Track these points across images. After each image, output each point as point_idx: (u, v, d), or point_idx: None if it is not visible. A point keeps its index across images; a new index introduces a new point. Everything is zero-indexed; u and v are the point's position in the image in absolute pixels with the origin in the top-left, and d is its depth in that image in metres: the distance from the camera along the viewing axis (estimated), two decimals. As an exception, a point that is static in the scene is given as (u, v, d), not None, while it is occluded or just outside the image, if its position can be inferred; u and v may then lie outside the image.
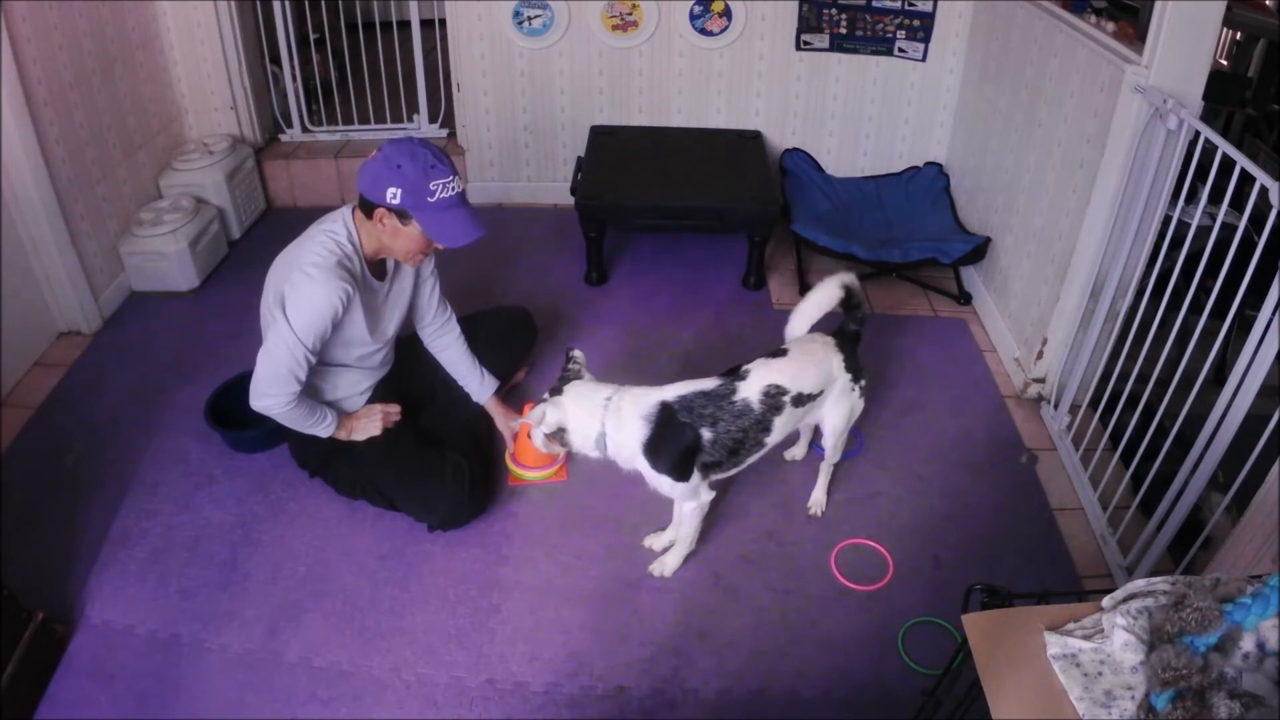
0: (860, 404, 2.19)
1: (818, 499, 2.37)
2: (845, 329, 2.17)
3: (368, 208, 1.98)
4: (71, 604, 2.07)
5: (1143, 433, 2.17)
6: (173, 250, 3.13)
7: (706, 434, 1.92)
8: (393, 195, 1.92)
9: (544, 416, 1.92)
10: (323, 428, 2.15)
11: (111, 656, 1.96)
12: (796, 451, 2.51)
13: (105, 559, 2.18)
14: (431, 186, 1.93)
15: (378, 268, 2.15)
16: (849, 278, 2.14)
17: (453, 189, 1.97)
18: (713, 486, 2.09)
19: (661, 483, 1.97)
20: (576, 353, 2.05)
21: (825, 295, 2.14)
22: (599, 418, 1.92)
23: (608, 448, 1.94)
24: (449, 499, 2.21)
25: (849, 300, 2.15)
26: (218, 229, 3.37)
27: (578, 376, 1.99)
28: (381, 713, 1.87)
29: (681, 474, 1.94)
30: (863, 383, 2.17)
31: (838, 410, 2.14)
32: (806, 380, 2.02)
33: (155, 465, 2.46)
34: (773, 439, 2.02)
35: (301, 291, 1.95)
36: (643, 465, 1.95)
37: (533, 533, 2.29)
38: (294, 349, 1.97)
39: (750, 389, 1.95)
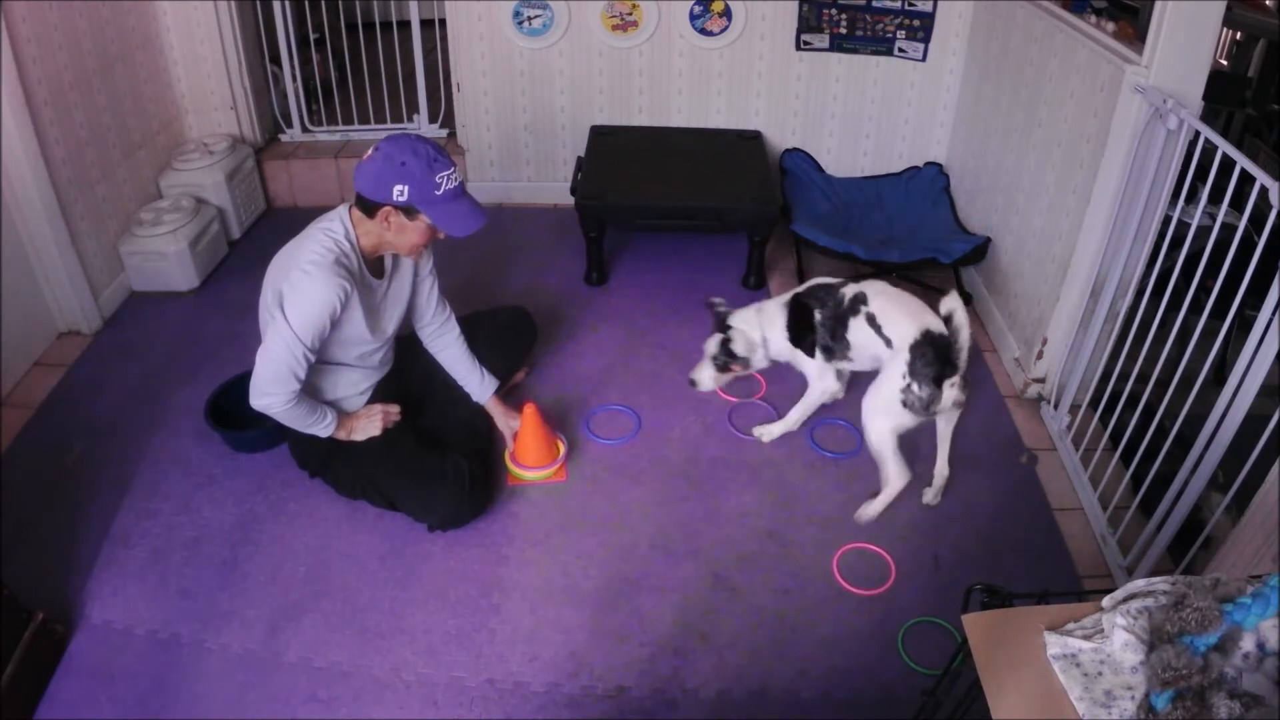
0: (897, 400, 2.15)
1: (870, 508, 2.32)
2: (951, 352, 2.12)
3: (369, 207, 1.98)
4: (71, 604, 2.07)
5: (1143, 433, 2.17)
6: (173, 250, 3.13)
7: (816, 314, 2.33)
8: (400, 192, 1.93)
9: (737, 344, 2.37)
10: (322, 427, 2.15)
11: (111, 656, 1.96)
12: (929, 497, 2.40)
13: (105, 559, 2.18)
14: (437, 180, 1.95)
15: (375, 266, 2.15)
16: (960, 312, 2.11)
17: (455, 180, 2.00)
18: (840, 377, 2.52)
19: (799, 359, 2.43)
20: (717, 299, 2.49)
21: (947, 306, 2.14)
22: (758, 326, 2.40)
23: (770, 349, 2.42)
24: (449, 499, 2.21)
25: (948, 324, 2.13)
26: (218, 229, 3.37)
27: (728, 314, 2.44)
28: (381, 713, 1.87)
29: (810, 350, 2.38)
30: (915, 388, 2.13)
31: (882, 375, 2.22)
32: (884, 312, 2.24)
33: (155, 465, 2.46)
34: (852, 339, 2.30)
35: (300, 289, 1.95)
36: (787, 350, 2.42)
37: (533, 533, 2.29)
38: (293, 347, 1.97)
39: (850, 290, 2.32)
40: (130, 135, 3.21)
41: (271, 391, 2.02)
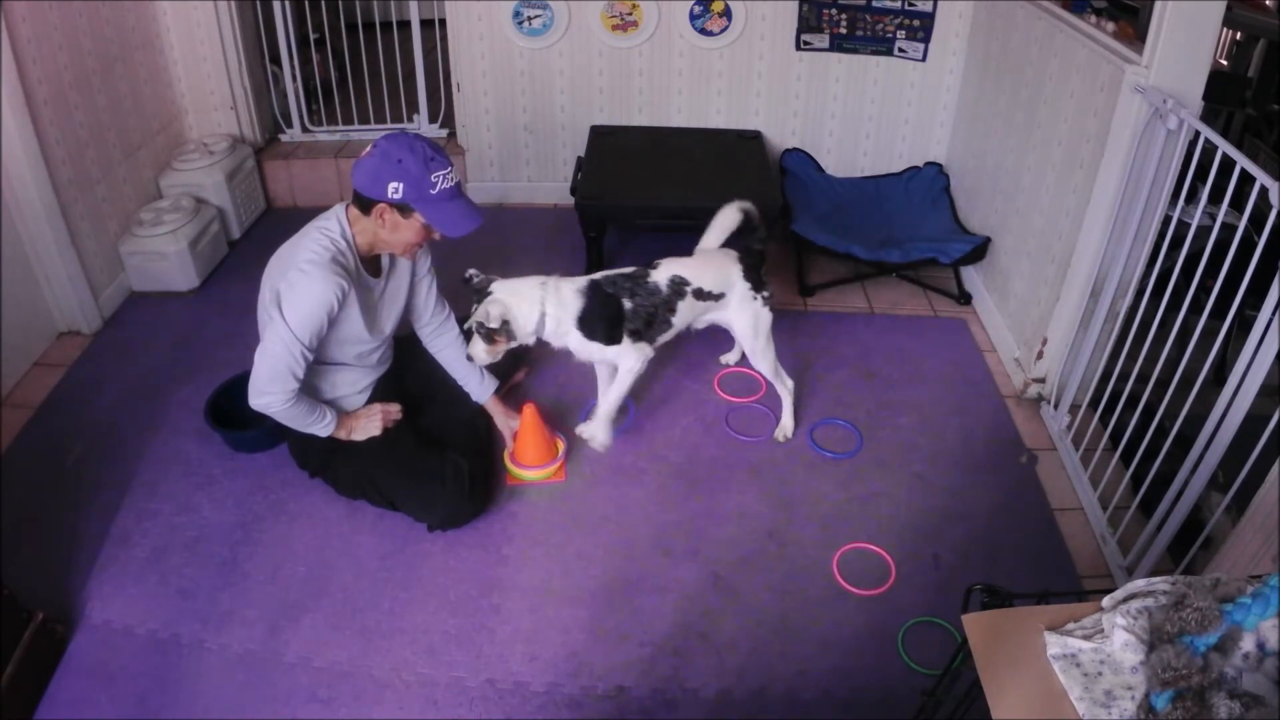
0: (766, 314, 2.44)
1: (785, 425, 2.59)
2: (749, 248, 2.47)
3: (365, 204, 1.99)
4: (71, 604, 2.07)
5: (1143, 433, 2.17)
6: (173, 250, 3.13)
7: (626, 303, 2.27)
8: (394, 190, 1.93)
9: (487, 315, 2.12)
10: (322, 426, 2.15)
11: (111, 656, 1.96)
12: (730, 357, 2.84)
13: (105, 559, 2.18)
14: (433, 179, 1.95)
15: (372, 265, 2.15)
16: (746, 205, 2.47)
17: (451, 179, 1.99)
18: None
19: (590, 348, 2.28)
20: (471, 271, 2.24)
21: (726, 218, 2.47)
22: (537, 300, 2.20)
23: (545, 327, 2.23)
24: (448, 499, 2.21)
25: (747, 224, 2.47)
26: (218, 229, 3.37)
27: (488, 282, 2.21)
28: (381, 713, 1.87)
29: (608, 338, 2.28)
30: (765, 294, 2.42)
31: (742, 316, 2.42)
32: (706, 279, 2.35)
33: (155, 465, 2.46)
34: (677, 321, 2.35)
35: (297, 288, 1.96)
36: (574, 338, 2.27)
37: (533, 533, 2.29)
38: (291, 346, 1.97)
39: (661, 276, 2.31)
40: (130, 135, 3.21)
41: (270, 391, 2.02)
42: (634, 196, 3.25)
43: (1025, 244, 2.86)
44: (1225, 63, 4.04)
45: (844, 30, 3.52)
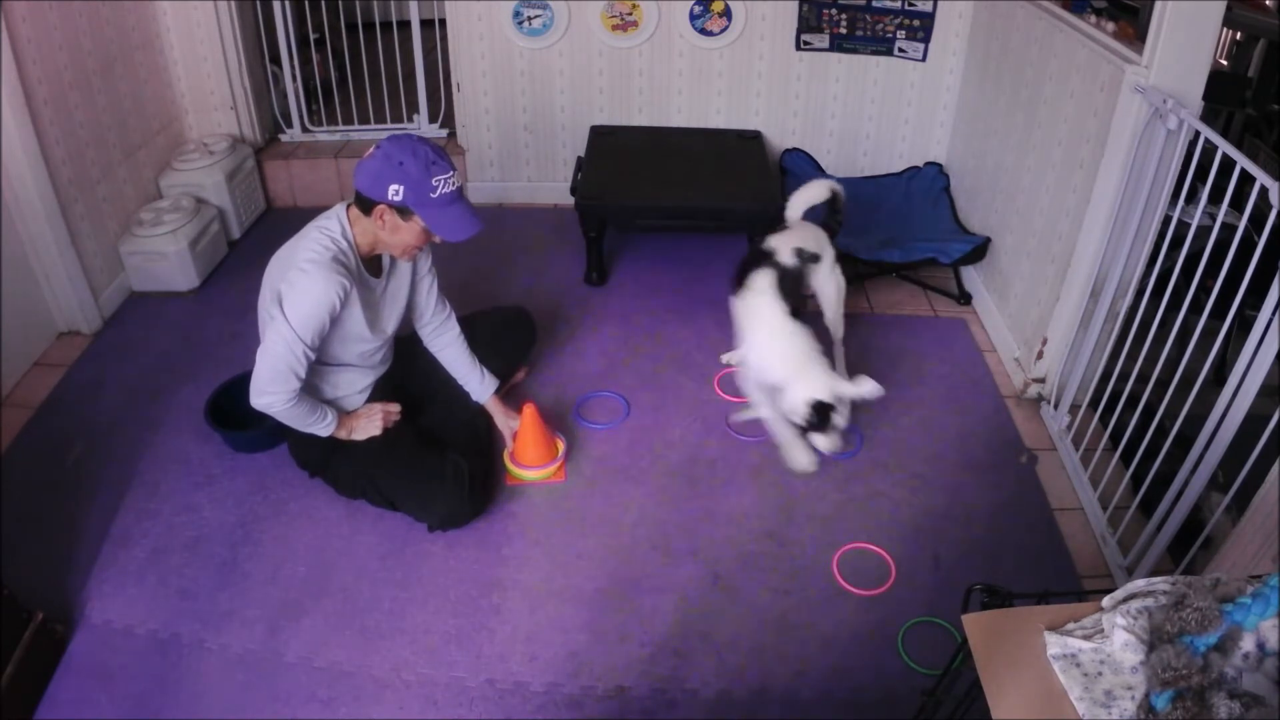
0: (844, 282, 2.65)
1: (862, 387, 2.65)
2: (828, 223, 2.72)
3: (366, 205, 1.99)
4: (71, 604, 2.07)
5: (1143, 433, 2.17)
6: (173, 250, 3.13)
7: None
8: (395, 192, 1.93)
9: (803, 408, 2.25)
10: (323, 426, 2.15)
11: (111, 656, 1.96)
12: (731, 356, 2.84)
13: (105, 559, 2.18)
14: (434, 183, 1.95)
15: (373, 265, 2.15)
16: (837, 186, 2.71)
17: (453, 184, 1.99)
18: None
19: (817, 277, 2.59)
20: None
21: (815, 192, 2.70)
22: (807, 366, 2.31)
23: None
24: (448, 499, 2.21)
25: (834, 203, 2.71)
26: (218, 229, 3.37)
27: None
28: (381, 713, 1.87)
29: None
30: (840, 266, 2.64)
31: (830, 282, 2.62)
32: (811, 242, 2.56)
33: (155, 465, 2.46)
34: (808, 289, 2.60)
35: (298, 288, 1.96)
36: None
37: (533, 533, 2.29)
38: (293, 345, 1.97)
39: (784, 256, 2.48)
40: (130, 135, 3.21)
41: (272, 390, 2.02)
42: (634, 196, 3.25)
43: (1025, 244, 2.86)
44: (1225, 63, 4.04)
45: (844, 30, 3.51)
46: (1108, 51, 2.35)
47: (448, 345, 2.43)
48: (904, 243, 3.27)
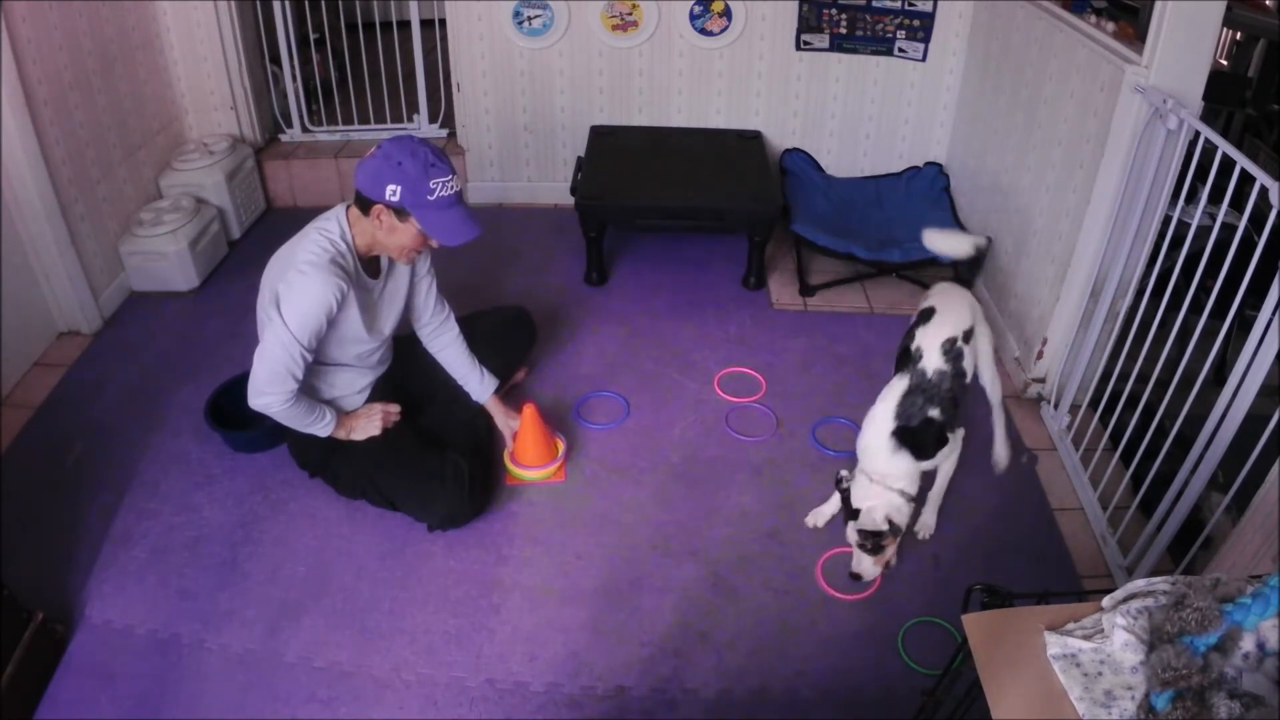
0: (991, 334, 2.32)
1: (999, 453, 2.40)
2: (961, 277, 2.46)
3: (365, 204, 1.99)
4: (71, 604, 2.07)
5: (1143, 433, 2.17)
6: (173, 250, 3.13)
7: (934, 413, 2.08)
8: (392, 192, 1.93)
9: (874, 521, 2.01)
10: (321, 426, 2.15)
11: (111, 656, 1.96)
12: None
13: (105, 559, 2.18)
14: (431, 185, 1.94)
15: (371, 265, 2.15)
16: (982, 242, 2.46)
17: (451, 188, 1.98)
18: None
19: (937, 462, 2.17)
20: (844, 473, 2.14)
21: (959, 246, 2.45)
22: (886, 487, 2.04)
23: (907, 486, 2.07)
24: (448, 499, 2.21)
25: (976, 261, 2.48)
26: (218, 229, 3.37)
27: (849, 482, 2.11)
28: (381, 713, 1.87)
29: (941, 446, 2.13)
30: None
31: (983, 340, 2.25)
32: (962, 319, 2.19)
33: (155, 465, 2.46)
34: (969, 367, 2.19)
35: (296, 289, 1.96)
36: (922, 468, 2.11)
37: (533, 533, 2.29)
38: (290, 347, 1.98)
39: (931, 359, 2.12)
40: (130, 135, 3.21)
41: (270, 391, 2.02)
42: (634, 196, 3.25)
43: (1025, 244, 2.86)
44: (1225, 63, 4.04)
45: (844, 30, 3.51)
46: (1108, 51, 2.35)
47: (447, 346, 2.43)
48: (904, 243, 3.26)
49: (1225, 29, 3.75)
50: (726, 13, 3.48)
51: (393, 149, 1.94)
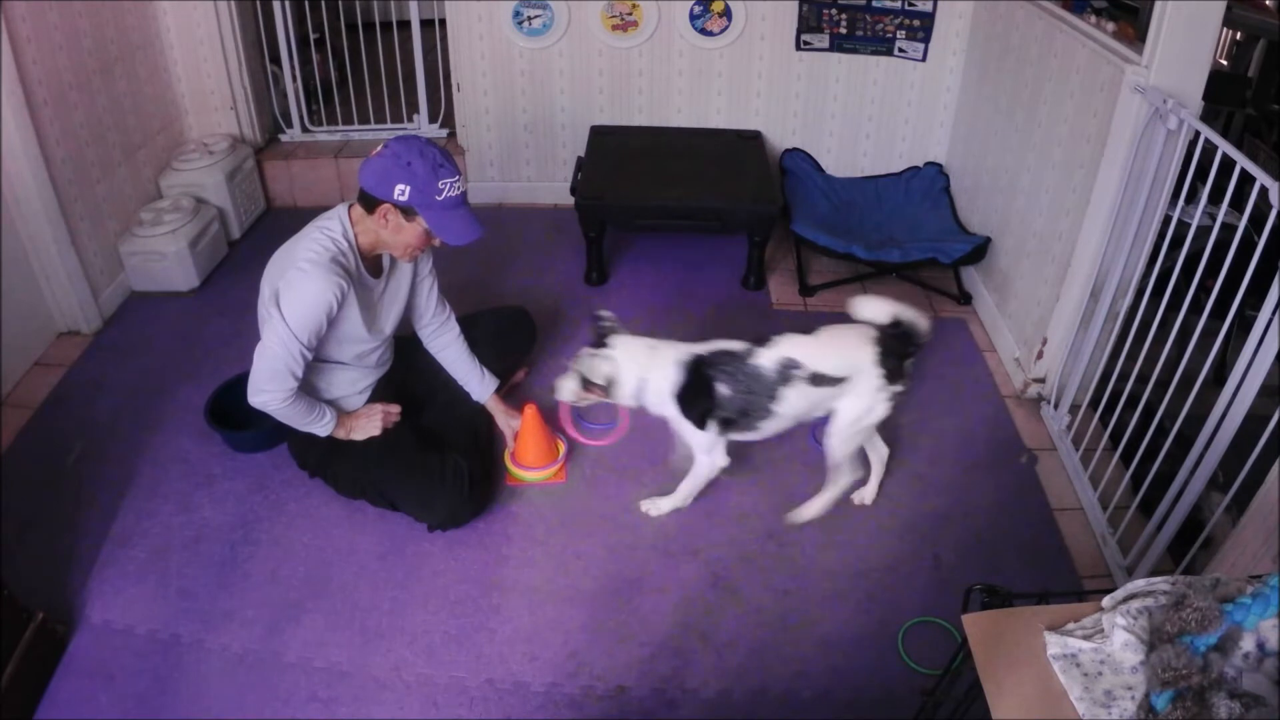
0: (884, 409, 2.12)
1: (806, 510, 2.32)
2: (906, 336, 2.12)
3: (370, 203, 1.99)
4: (71, 604, 2.07)
5: (1143, 433, 2.17)
6: (173, 250, 3.13)
7: (722, 389, 2.07)
8: (401, 192, 1.94)
9: (598, 370, 2.07)
10: (321, 425, 2.15)
11: (111, 656, 1.96)
12: (865, 495, 2.39)
13: (105, 559, 2.18)
14: (440, 185, 1.95)
15: (373, 265, 2.16)
16: (909, 314, 2.10)
17: (458, 188, 2.00)
18: (729, 452, 2.25)
19: (683, 426, 2.15)
20: (606, 311, 2.17)
21: (879, 309, 2.11)
22: (642, 365, 2.10)
23: (648, 395, 2.12)
24: (448, 498, 2.21)
25: (899, 328, 2.10)
26: (218, 229, 3.37)
27: (613, 332, 2.13)
28: (381, 713, 1.87)
29: (699, 422, 2.12)
30: (897, 389, 2.10)
31: (857, 403, 2.10)
32: (826, 362, 2.05)
33: (155, 465, 2.46)
34: (782, 410, 2.08)
35: (296, 287, 1.96)
36: (671, 411, 2.13)
37: (533, 533, 2.29)
38: (289, 345, 1.98)
39: (768, 357, 2.06)
40: (130, 135, 3.21)
41: (269, 389, 2.02)
42: (634, 196, 3.25)
43: (1025, 244, 2.86)
44: (1225, 63, 4.04)
45: (844, 30, 3.51)
46: (1108, 51, 2.35)
47: (447, 346, 2.43)
48: (904, 243, 3.27)
49: (1225, 29, 3.75)
50: (726, 13, 3.48)
51: (401, 148, 1.95)
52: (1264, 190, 1.75)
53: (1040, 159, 2.76)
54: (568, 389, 2.14)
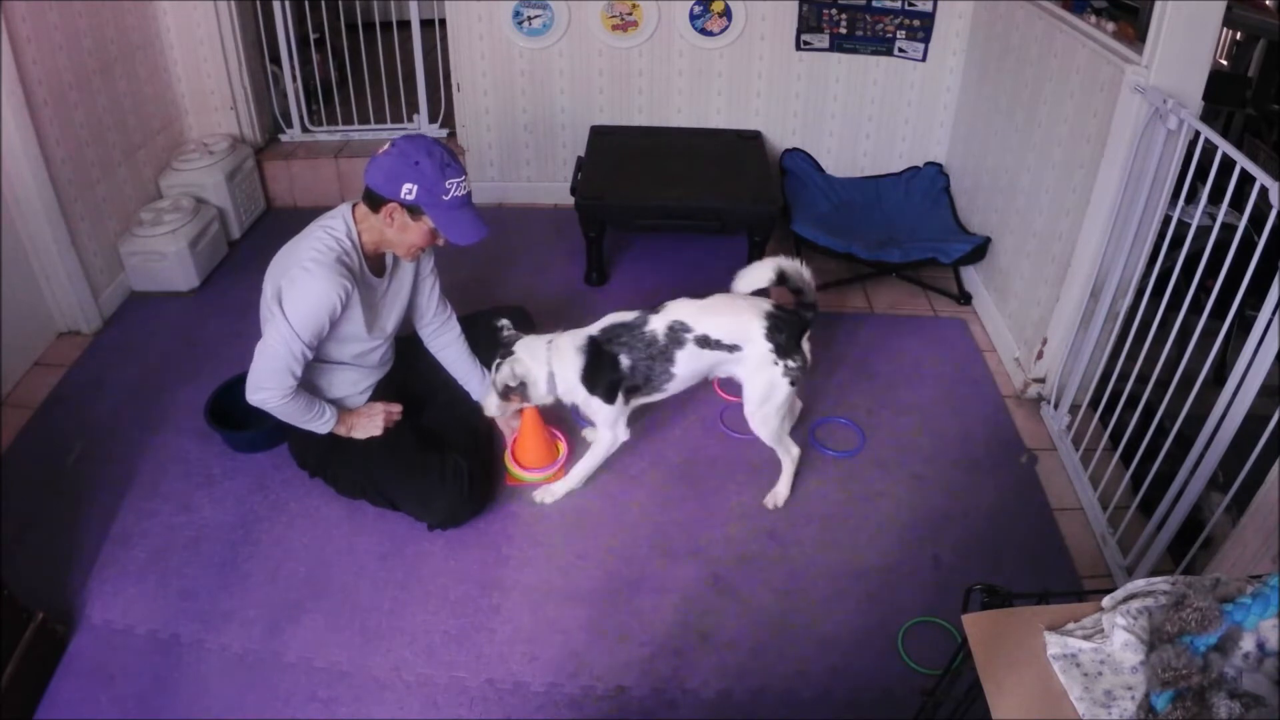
0: (784, 385, 2.19)
1: (777, 493, 2.37)
2: (801, 316, 2.24)
3: (376, 202, 1.99)
4: (71, 604, 2.07)
5: (1143, 433, 2.17)
6: (173, 250, 3.13)
7: (624, 360, 2.18)
8: (408, 191, 1.94)
9: (508, 374, 2.15)
10: (321, 423, 2.15)
11: (111, 656, 1.96)
12: (776, 497, 2.38)
13: (105, 559, 2.18)
14: (447, 185, 1.96)
15: (376, 264, 2.16)
16: (788, 263, 2.20)
17: (464, 188, 2.01)
18: (631, 426, 2.34)
19: (592, 405, 2.23)
20: (504, 321, 2.29)
21: (760, 273, 2.21)
22: (545, 360, 2.18)
23: (557, 386, 2.20)
24: (448, 498, 2.21)
25: (786, 282, 2.21)
26: (218, 229, 3.37)
27: (515, 339, 2.22)
28: (381, 713, 1.87)
29: (608, 396, 2.21)
30: (791, 364, 2.17)
31: (755, 380, 2.20)
32: (715, 326, 2.17)
33: (155, 465, 2.46)
34: (678, 371, 2.21)
35: (299, 286, 1.96)
36: (580, 394, 2.21)
37: (533, 533, 2.29)
38: (291, 344, 1.98)
39: (659, 322, 2.19)
40: (130, 135, 3.21)
41: (268, 386, 2.03)
42: (634, 196, 3.25)
43: (1025, 244, 2.86)
44: (1225, 63, 4.04)
45: (844, 30, 3.51)
46: (1108, 51, 2.35)
47: (448, 345, 2.43)
48: (904, 243, 3.27)
49: (1225, 29, 3.74)
50: (726, 13, 3.48)
51: (409, 147, 1.95)
52: (1264, 190, 1.75)
53: (1040, 159, 2.75)
54: (492, 404, 2.24)
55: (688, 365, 2.21)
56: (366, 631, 2.03)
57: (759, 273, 2.21)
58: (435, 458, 2.24)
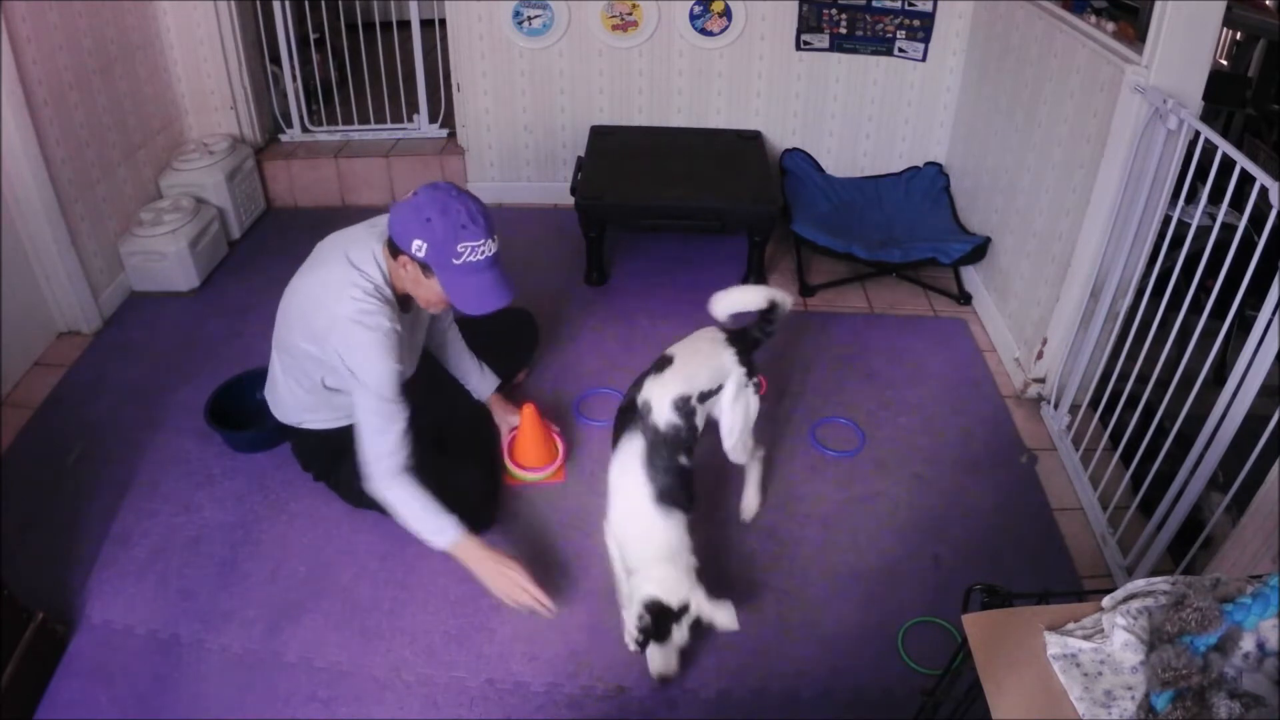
0: (756, 402, 2.17)
1: (749, 504, 2.32)
2: (750, 334, 2.19)
3: (394, 249, 1.90)
4: (71, 604, 2.07)
5: (1143, 433, 2.17)
6: (173, 250, 3.13)
7: (684, 461, 2.00)
8: (418, 248, 1.82)
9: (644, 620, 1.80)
10: (441, 538, 1.98)
11: (111, 656, 1.96)
12: (747, 509, 2.34)
13: (105, 559, 2.18)
14: (459, 248, 1.81)
15: (404, 301, 2.07)
16: (782, 296, 2.14)
17: (482, 253, 1.84)
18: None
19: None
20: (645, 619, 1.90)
21: (753, 297, 2.14)
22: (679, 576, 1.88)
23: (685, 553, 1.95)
24: (455, 513, 2.17)
25: (769, 314, 2.16)
26: (218, 229, 3.37)
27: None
28: (381, 713, 1.87)
29: (689, 495, 2.01)
30: (756, 380, 2.16)
31: (736, 407, 2.12)
32: (701, 379, 2.05)
33: (155, 465, 2.46)
34: (701, 421, 2.08)
35: (364, 348, 1.86)
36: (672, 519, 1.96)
37: (533, 533, 2.29)
38: (381, 408, 1.90)
39: (661, 413, 1.98)
40: (130, 135, 3.21)
41: (382, 455, 1.93)
42: (634, 196, 3.25)
43: (1025, 244, 2.86)
44: (1225, 63, 4.04)
45: (844, 30, 3.51)
46: (1108, 51, 2.35)
47: (447, 344, 2.43)
48: (904, 243, 3.27)
49: (1225, 29, 3.74)
50: (726, 13, 3.48)
51: (425, 202, 1.82)
52: (1264, 190, 1.75)
53: (1040, 159, 2.75)
54: (672, 666, 1.87)
55: (702, 420, 2.09)
56: (366, 631, 2.03)
57: (747, 296, 2.13)
58: (443, 472, 2.16)
